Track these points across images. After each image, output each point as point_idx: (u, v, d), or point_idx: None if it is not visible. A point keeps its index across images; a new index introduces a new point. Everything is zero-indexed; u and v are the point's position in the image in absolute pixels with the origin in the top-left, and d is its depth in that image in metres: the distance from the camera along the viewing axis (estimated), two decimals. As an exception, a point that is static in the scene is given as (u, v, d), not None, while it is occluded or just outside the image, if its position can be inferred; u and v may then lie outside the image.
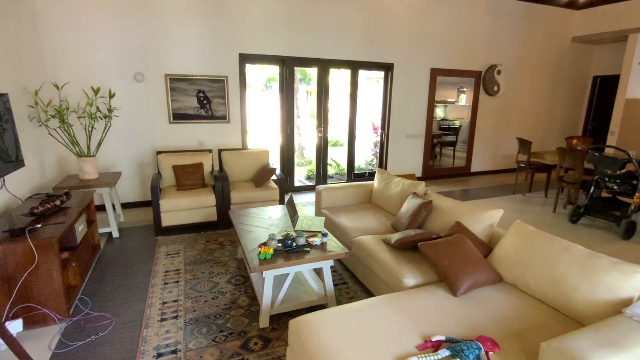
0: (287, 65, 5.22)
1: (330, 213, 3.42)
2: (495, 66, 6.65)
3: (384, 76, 6.04)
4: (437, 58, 6.22)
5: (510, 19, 6.63)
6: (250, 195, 4.11)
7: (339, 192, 3.69)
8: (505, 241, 2.23)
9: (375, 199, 3.69)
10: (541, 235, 2.08)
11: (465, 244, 2.23)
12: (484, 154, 7.20)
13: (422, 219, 2.81)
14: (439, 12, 6.00)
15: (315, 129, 5.70)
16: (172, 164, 4.22)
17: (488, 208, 2.51)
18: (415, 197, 3.01)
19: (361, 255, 2.70)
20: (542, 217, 4.66)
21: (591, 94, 7.87)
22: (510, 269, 2.10)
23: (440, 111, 7.42)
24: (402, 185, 3.34)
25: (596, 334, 1.40)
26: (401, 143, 6.34)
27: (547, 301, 1.90)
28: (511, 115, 7.22)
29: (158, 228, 3.81)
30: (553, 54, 7.27)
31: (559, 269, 1.87)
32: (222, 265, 3.18)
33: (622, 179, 4.00)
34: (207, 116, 4.88)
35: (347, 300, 2.66)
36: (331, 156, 7.63)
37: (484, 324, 1.75)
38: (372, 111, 6.47)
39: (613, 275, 1.70)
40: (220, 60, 4.81)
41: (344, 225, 3.10)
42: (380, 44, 5.73)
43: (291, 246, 2.39)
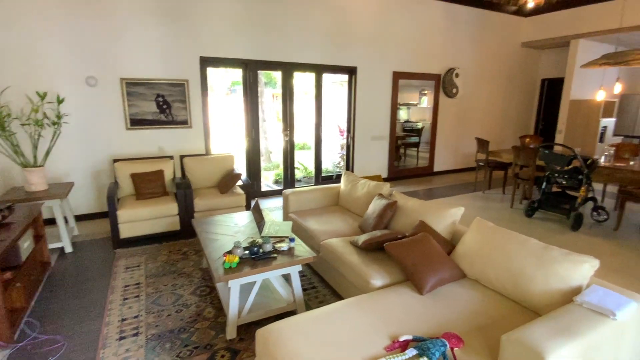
0: (251, 68, 5.14)
1: (298, 217, 3.39)
2: (454, 69, 6.93)
3: (348, 79, 6.11)
4: (398, 62, 6.38)
5: (465, 25, 6.94)
6: (215, 202, 3.99)
7: (306, 196, 3.66)
8: (466, 238, 2.31)
9: (343, 201, 3.70)
10: (499, 231, 2.16)
11: (429, 242, 2.28)
12: (446, 154, 7.47)
13: (388, 219, 2.85)
14: (399, 17, 6.17)
15: (281, 132, 5.64)
16: (131, 172, 4.01)
17: (450, 206, 2.58)
18: (381, 198, 3.05)
19: (329, 258, 2.69)
20: (501, 213, 4.89)
21: (540, 96, 8.41)
22: (472, 264, 2.17)
23: (404, 113, 7.62)
24: (368, 187, 3.37)
25: (551, 323, 1.47)
26: (367, 145, 6.44)
27: (507, 294, 1.98)
28: (470, 116, 7.55)
29: (116, 240, 3.60)
30: (505, 57, 7.69)
31: (517, 263, 1.95)
32: (187, 276, 3.06)
33: (569, 174, 4.28)
34: (167, 121, 4.70)
35: (316, 304, 2.64)
36: (299, 159, 7.60)
37: (450, 320, 1.79)
38: (338, 114, 6.52)
39: (564, 265, 1.80)
40: (180, 64, 4.65)
41: (312, 228, 3.08)
42: (344, 48, 5.80)
43: (257, 253, 2.34)
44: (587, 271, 1.77)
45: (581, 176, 4.20)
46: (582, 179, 4.20)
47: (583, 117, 7.05)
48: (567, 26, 6.84)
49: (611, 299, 1.58)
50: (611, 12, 6.14)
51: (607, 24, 6.20)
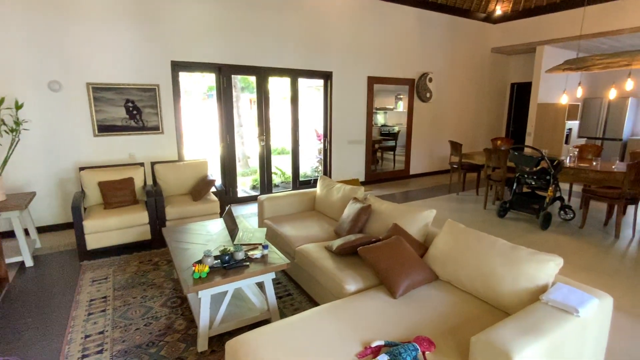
0: (224, 73, 5.06)
1: (274, 223, 3.34)
2: (427, 74, 7.07)
3: (323, 84, 6.12)
4: (373, 67, 6.46)
5: (437, 31, 7.12)
6: (188, 209, 3.89)
7: (282, 201, 3.62)
8: (439, 240, 2.33)
9: (319, 205, 3.68)
10: (470, 233, 2.19)
11: (402, 245, 2.28)
12: (421, 157, 7.60)
13: (363, 223, 2.85)
14: (372, 23, 6.25)
15: (257, 137, 5.58)
16: (98, 180, 3.85)
17: (422, 209, 2.61)
18: (356, 202, 3.04)
19: (304, 264, 2.66)
20: (474, 214, 5.00)
21: (510, 99, 8.71)
22: (445, 266, 2.18)
23: (381, 117, 7.71)
24: (343, 191, 3.37)
25: (518, 323, 1.49)
26: (344, 149, 6.46)
27: (479, 295, 2.00)
28: (443, 119, 7.72)
29: (82, 252, 3.44)
30: (476, 63, 7.93)
31: (486, 264, 1.98)
32: (157, 287, 2.94)
33: (537, 175, 4.43)
34: (137, 127, 4.55)
35: (291, 312, 2.59)
36: (277, 164, 7.55)
37: (422, 323, 1.79)
38: (316, 119, 6.52)
39: (531, 265, 1.84)
40: (151, 68, 4.53)
41: (287, 234, 3.04)
42: (319, 53, 5.81)
43: (229, 262, 2.27)
44: (553, 269, 1.81)
45: (548, 177, 4.35)
46: (549, 179, 4.35)
47: (550, 120, 7.34)
48: (533, 33, 7.13)
49: (574, 297, 1.62)
50: (572, 20, 6.45)
51: (569, 31, 6.50)
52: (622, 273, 3.26)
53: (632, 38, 6.23)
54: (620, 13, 5.86)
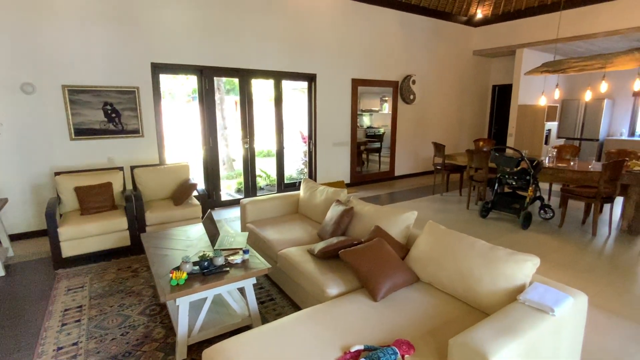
0: (206, 75, 5.00)
1: (256, 227, 3.29)
2: (410, 76, 7.14)
3: (307, 87, 6.11)
4: (357, 69, 6.48)
5: (420, 33, 7.20)
6: (169, 214, 3.81)
7: (264, 205, 3.58)
8: (420, 242, 2.33)
9: (302, 208, 3.65)
10: (450, 234, 2.20)
11: (383, 247, 2.28)
12: (406, 158, 7.66)
13: (345, 225, 2.84)
14: (356, 25, 6.28)
15: (240, 140, 5.52)
16: (75, 185, 3.73)
17: (403, 211, 2.61)
18: (339, 204, 3.03)
19: (287, 268, 2.63)
20: (458, 215, 5.06)
21: (492, 101, 8.87)
22: (425, 268, 2.19)
23: (367, 119, 7.75)
24: (326, 194, 3.35)
25: (495, 324, 1.50)
26: (329, 151, 6.45)
27: (459, 296, 2.01)
28: (427, 121, 7.80)
29: (58, 260, 3.32)
30: (459, 65, 8.05)
31: (466, 264, 1.99)
32: (136, 295, 2.86)
33: (518, 175, 4.51)
34: (116, 131, 4.44)
35: (274, 317, 2.56)
36: (262, 167, 7.49)
37: (403, 326, 1.78)
38: (301, 121, 6.50)
39: (509, 265, 1.86)
40: (130, 70, 4.43)
41: (270, 238, 3.00)
42: (303, 55, 5.80)
43: (208, 268, 2.23)
44: (530, 269, 1.83)
45: (528, 177, 4.44)
46: (529, 179, 4.44)
47: (530, 121, 7.51)
48: (512, 36, 7.29)
49: (550, 296, 1.64)
50: (550, 24, 6.62)
51: (547, 35, 6.67)
52: (599, 270, 3.34)
53: (606, 41, 6.43)
54: (594, 17, 6.05)
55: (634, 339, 2.35)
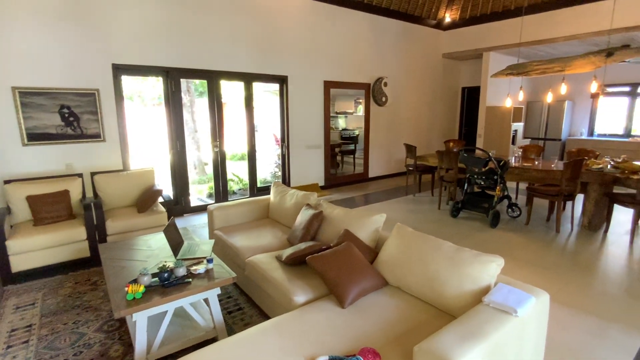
0: (172, 76, 4.82)
1: (224, 234, 3.18)
2: (382, 78, 7.20)
3: (279, 88, 6.03)
4: (329, 71, 6.47)
5: (391, 36, 7.28)
6: (132, 222, 3.62)
7: (233, 210, 3.47)
8: (388, 245, 2.31)
9: (273, 213, 3.57)
10: (418, 236, 2.19)
11: (352, 252, 2.24)
12: (379, 160, 7.71)
13: (315, 230, 2.78)
14: (327, 27, 6.26)
15: (210, 143, 5.36)
16: (27, 194, 3.48)
17: (373, 214, 2.58)
18: (309, 208, 2.97)
19: (254, 276, 2.54)
20: (429, 215, 5.12)
21: (462, 103, 9.10)
22: (394, 271, 2.16)
23: (342, 121, 7.76)
24: (296, 197, 3.29)
25: (459, 328, 1.48)
26: (302, 154, 6.39)
27: (426, 299, 2.00)
28: (399, 123, 7.89)
29: (6, 275, 3.08)
30: (429, 67, 8.21)
31: (433, 267, 1.98)
32: (93, 310, 2.69)
33: (486, 175, 4.61)
34: (75, 135, 4.20)
35: (241, 327, 2.46)
36: (234, 171, 7.33)
37: (370, 333, 1.74)
38: (274, 123, 6.41)
39: (475, 266, 1.85)
40: (89, 71, 4.20)
41: (238, 245, 2.90)
42: (274, 57, 5.72)
43: (168, 279, 2.11)
44: (494, 270, 1.84)
45: (496, 177, 4.55)
46: (497, 179, 4.55)
47: (497, 122, 7.74)
48: (479, 40, 7.50)
49: (514, 297, 1.64)
50: (513, 29, 6.85)
51: (511, 39, 6.90)
52: (562, 267, 3.44)
53: (565, 46, 6.72)
54: (554, 23, 6.31)
55: (596, 333, 2.42)
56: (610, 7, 5.60)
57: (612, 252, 3.78)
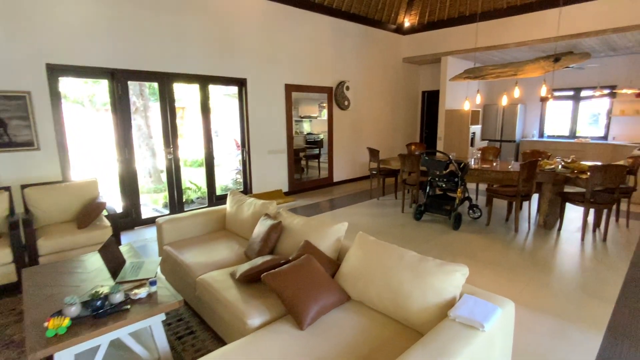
0: (119, 79, 4.45)
1: (174, 249, 2.91)
2: (344, 82, 7.15)
3: (238, 92, 5.78)
4: (290, 74, 6.31)
5: (352, 39, 7.26)
6: (70, 240, 3.24)
7: (185, 223, 3.20)
8: (350, 255, 2.17)
9: (229, 224, 3.33)
10: (380, 245, 2.07)
11: (311, 266, 2.08)
12: (344, 164, 7.65)
13: (274, 242, 2.60)
14: (287, 29, 6.11)
15: (163, 150, 5.01)
16: (-61, 212, 3.01)
17: (334, 222, 2.44)
18: (267, 218, 2.78)
19: (206, 297, 2.31)
20: (393, 218, 5.08)
21: (422, 106, 9.28)
22: (356, 285, 2.03)
23: (307, 126, 7.62)
24: (254, 207, 3.08)
25: (426, 347, 1.36)
26: (264, 159, 6.17)
27: (390, 314, 1.87)
28: (362, 126, 7.88)
29: None
30: (390, 71, 8.28)
31: (396, 279, 1.86)
32: (15, 346, 2.32)
33: (447, 178, 4.64)
34: (1, 143, 3.73)
35: (192, 354, 2.22)
36: (193, 178, 6.95)
37: (330, 356, 1.58)
38: (236, 128, 6.13)
39: (439, 277, 1.76)
40: (17, 72, 3.76)
41: (189, 262, 2.65)
42: (231, 59, 5.47)
43: (102, 307, 1.84)
44: (459, 280, 1.75)
45: (457, 179, 4.59)
46: (457, 181, 4.59)
47: (456, 125, 7.94)
48: (437, 44, 7.67)
49: (480, 310, 1.56)
50: (468, 34, 7.07)
51: (467, 44, 7.11)
52: (521, 267, 3.49)
53: (517, 52, 7.03)
54: (505, 30, 6.57)
55: (558, 334, 2.42)
56: (556, 16, 5.90)
57: (567, 249, 3.90)
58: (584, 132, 8.16)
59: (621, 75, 7.30)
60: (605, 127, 7.78)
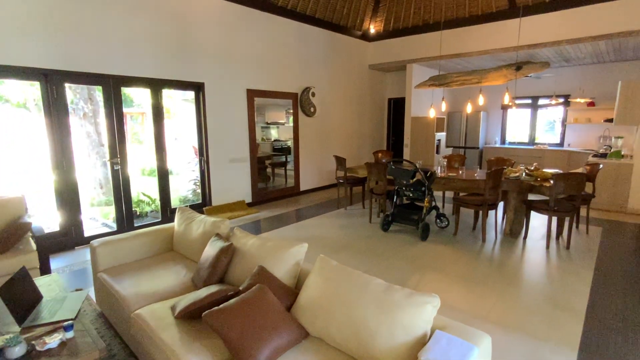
0: (53, 81, 3.96)
1: (110, 277, 2.52)
2: (310, 88, 6.94)
3: (194, 97, 5.40)
4: (253, 79, 6.01)
5: (318, 45, 7.08)
6: (-18, 269, 2.75)
7: (126, 245, 2.80)
8: (309, 283, 1.91)
9: (178, 245, 2.97)
10: (342, 272, 1.83)
11: (264, 298, 1.79)
12: (311, 173, 7.41)
13: (223, 268, 2.28)
14: (248, 32, 5.82)
15: (108, 161, 4.54)
16: None
17: (292, 244, 2.17)
18: (218, 239, 2.46)
19: (140, 337, 1.95)
20: (361, 229, 4.88)
21: (389, 113, 9.26)
22: (315, 319, 1.77)
23: (275, 132, 7.31)
24: (205, 226, 2.75)
25: (393, 411, 1.12)
26: (225, 168, 5.80)
27: (353, 354, 1.62)
28: (329, 134, 7.70)
29: None
30: (356, 78, 8.18)
31: (360, 313, 1.62)
32: None
33: (414, 187, 4.52)
34: None
35: (122, 409, 1.86)
36: (146, 190, 6.44)
37: (281, 418, 1.30)
38: (195, 135, 5.73)
39: (407, 311, 1.53)
40: None
41: (124, 294, 2.28)
42: (188, 62, 5.10)
43: (-7, 367, 1.45)
44: (430, 313, 1.53)
45: (424, 188, 4.47)
46: (425, 190, 4.47)
47: (422, 132, 7.95)
48: (403, 52, 7.66)
49: (455, 351, 1.34)
50: (433, 42, 7.10)
51: (431, 52, 7.14)
52: (490, 280, 3.38)
53: (479, 60, 7.14)
54: (469, 39, 6.64)
55: (531, 356, 2.28)
56: (517, 26, 6.02)
57: (533, 259, 3.86)
58: (542, 139, 8.44)
59: (574, 85, 7.61)
60: (561, 134, 8.08)
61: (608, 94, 7.15)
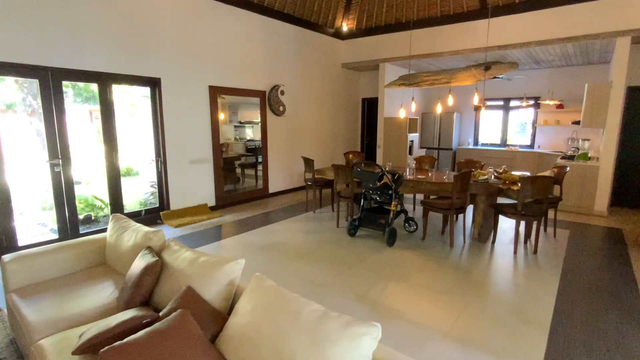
0: (-22, 72, 3.53)
1: (21, 298, 2.17)
2: (278, 86, 6.67)
3: (150, 93, 5.03)
4: (215, 75, 5.68)
5: (287, 42, 6.81)
6: None
7: (45, 259, 2.45)
8: (239, 308, 1.65)
9: (110, 258, 2.64)
10: (275, 295, 1.57)
11: (183, 327, 1.52)
12: (280, 174, 7.14)
13: (149, 288, 1.99)
14: (210, 26, 5.48)
15: (47, 162, 4.12)
16: None
17: (227, 260, 1.90)
18: (148, 253, 2.16)
19: (36, 376, 1.64)
20: (328, 235, 4.66)
21: (362, 113, 9.09)
22: (239, 351, 1.50)
23: (250, 132, 6.99)
24: (136, 237, 2.44)
25: None
26: (185, 170, 5.45)
27: (281, 395, 1.37)
28: (300, 133, 7.44)
29: None
30: (329, 77, 7.96)
31: (289, 347, 1.37)
32: None
33: (381, 190, 4.32)
34: None
35: None
36: (98, 193, 6.00)
37: None
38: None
39: (342, 345, 1.29)
40: None
41: (29, 319, 1.94)
42: (142, 56, 4.73)
43: None
44: (368, 347, 1.30)
45: (391, 191, 4.28)
46: (392, 194, 4.28)
47: (395, 133, 7.82)
48: (375, 51, 7.50)
49: (390, 398, 1.11)
50: (405, 41, 6.96)
51: (403, 51, 7.00)
52: (457, 290, 3.22)
53: (450, 60, 7.06)
54: (440, 38, 6.54)
55: (492, 378, 2.10)
56: (486, 27, 5.95)
57: (501, 265, 3.74)
58: (513, 141, 8.48)
59: (544, 87, 7.66)
60: (531, 136, 8.13)
61: (576, 97, 7.22)
